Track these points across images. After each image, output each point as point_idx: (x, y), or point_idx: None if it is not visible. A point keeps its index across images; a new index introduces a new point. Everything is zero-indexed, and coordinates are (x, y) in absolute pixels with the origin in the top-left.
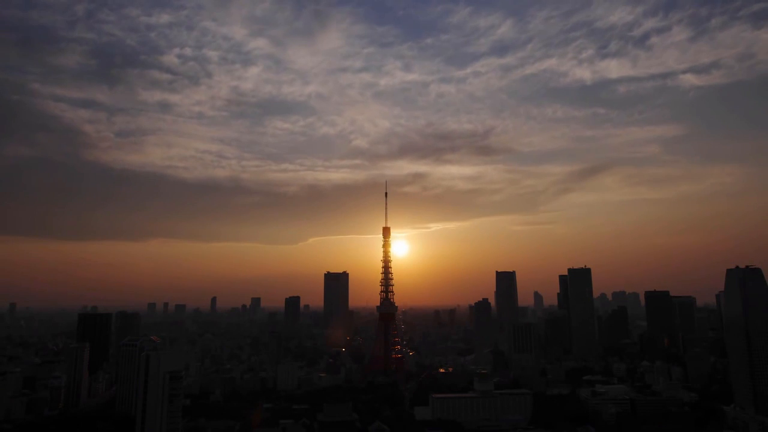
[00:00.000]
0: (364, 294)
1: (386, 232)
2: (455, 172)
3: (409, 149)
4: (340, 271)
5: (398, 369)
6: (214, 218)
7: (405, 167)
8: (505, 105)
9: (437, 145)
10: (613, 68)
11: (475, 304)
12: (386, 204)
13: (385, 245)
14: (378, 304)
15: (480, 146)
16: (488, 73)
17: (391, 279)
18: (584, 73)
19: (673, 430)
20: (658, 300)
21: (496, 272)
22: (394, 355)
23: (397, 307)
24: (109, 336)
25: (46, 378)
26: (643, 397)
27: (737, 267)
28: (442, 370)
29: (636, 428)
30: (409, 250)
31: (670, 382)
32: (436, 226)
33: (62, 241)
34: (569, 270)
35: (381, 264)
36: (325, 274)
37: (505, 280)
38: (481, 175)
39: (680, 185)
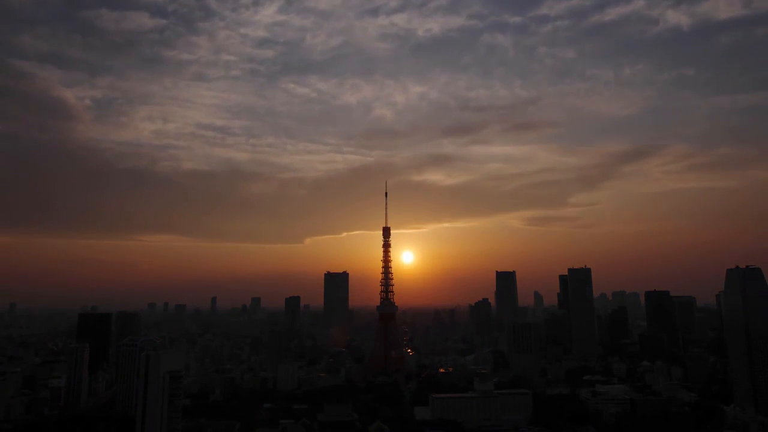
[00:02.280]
0: (364, 293)
1: (386, 232)
2: (488, 153)
3: (439, 124)
4: (340, 270)
5: (398, 369)
6: (216, 212)
7: (431, 147)
8: (571, 65)
9: (474, 119)
10: (722, 7)
11: (475, 304)
12: (386, 204)
13: (385, 245)
14: (378, 303)
15: (525, 121)
16: (556, 19)
17: (391, 279)
18: (681, 18)
19: (673, 430)
20: (658, 300)
21: (496, 272)
22: (394, 355)
23: (397, 306)
24: (109, 336)
25: (46, 378)
26: (643, 397)
27: (737, 267)
28: (442, 370)
29: (636, 428)
30: (411, 249)
31: (670, 382)
32: (445, 224)
33: (55, 239)
34: (569, 270)
35: (381, 263)
36: (325, 274)
37: (505, 280)
38: (517, 158)
39: (750, 170)
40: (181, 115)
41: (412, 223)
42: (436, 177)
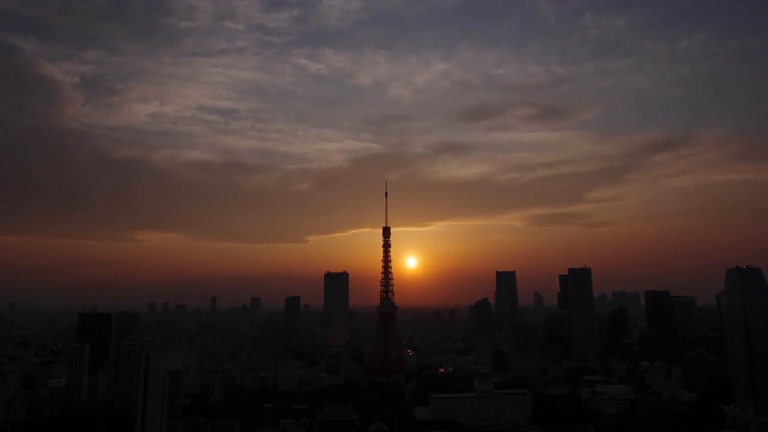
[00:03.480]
0: (364, 293)
1: (386, 232)
2: (512, 140)
3: (461, 106)
4: (341, 270)
5: (398, 369)
6: (217, 208)
7: (448, 134)
8: (619, 36)
9: (500, 100)
10: None
11: (475, 304)
12: (386, 204)
13: (385, 245)
14: (378, 303)
15: (557, 103)
16: None
17: (391, 279)
18: None
19: (673, 430)
20: (658, 300)
21: (496, 272)
22: (394, 355)
23: (397, 306)
24: (109, 336)
25: (46, 378)
26: (643, 397)
27: (737, 267)
28: (442, 370)
29: (636, 428)
30: (413, 247)
31: (670, 382)
32: (453, 222)
33: (55, 239)
34: (569, 270)
35: (381, 263)
36: (325, 274)
37: (505, 280)
38: (543, 146)
39: None
40: (180, 95)
41: (419, 221)
42: (450, 168)
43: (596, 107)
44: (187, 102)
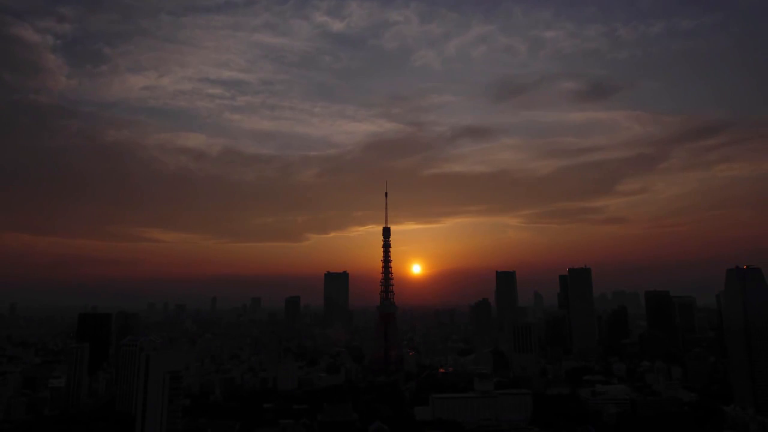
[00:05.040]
0: (364, 293)
1: (386, 232)
2: (549, 120)
3: (496, 78)
4: (341, 270)
5: (398, 369)
6: (218, 204)
7: (477, 113)
8: None
9: (542, 72)
10: None
11: (475, 304)
12: (386, 204)
13: (385, 245)
14: (378, 303)
15: (610, 74)
16: None
17: (392, 279)
18: None
19: (673, 430)
20: (658, 300)
21: (496, 272)
22: (394, 355)
23: (397, 306)
24: (109, 336)
25: (46, 378)
26: (643, 397)
27: (737, 267)
28: (442, 370)
29: (636, 428)
30: (415, 246)
31: (670, 382)
32: (462, 219)
33: (54, 238)
34: (569, 270)
35: (381, 263)
36: (325, 274)
37: (505, 280)
38: (586, 126)
39: None
40: (179, 63)
41: (428, 216)
42: (472, 155)
43: (657, 78)
44: (188, 72)
